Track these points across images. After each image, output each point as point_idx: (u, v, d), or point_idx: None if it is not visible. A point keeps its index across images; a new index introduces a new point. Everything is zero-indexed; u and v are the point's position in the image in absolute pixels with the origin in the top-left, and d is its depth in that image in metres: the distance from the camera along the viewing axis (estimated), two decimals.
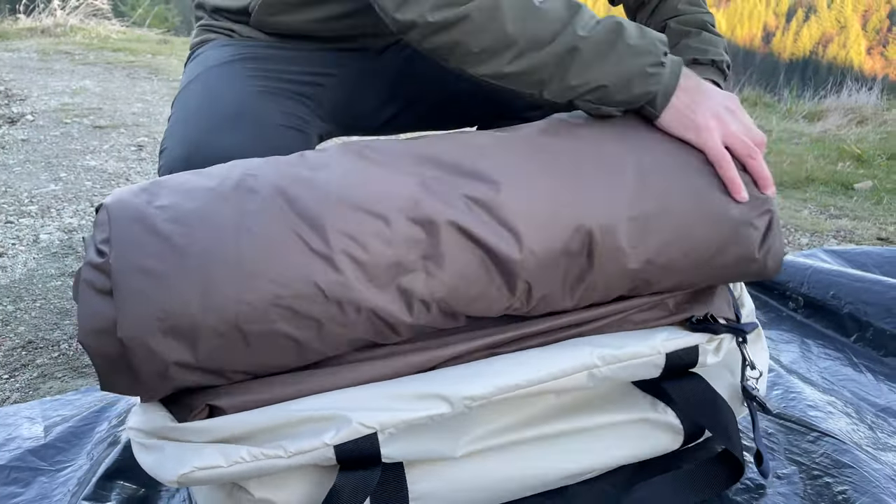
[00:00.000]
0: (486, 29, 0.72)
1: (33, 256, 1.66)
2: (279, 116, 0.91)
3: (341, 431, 0.64)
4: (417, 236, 0.66)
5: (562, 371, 0.72)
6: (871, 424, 1.00)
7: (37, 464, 0.91)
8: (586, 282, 0.72)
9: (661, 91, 0.74)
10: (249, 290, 0.62)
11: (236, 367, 0.65)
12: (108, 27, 6.17)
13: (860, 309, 1.27)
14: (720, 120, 0.75)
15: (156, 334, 0.61)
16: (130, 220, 0.64)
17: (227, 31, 1.04)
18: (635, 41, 0.74)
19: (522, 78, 0.74)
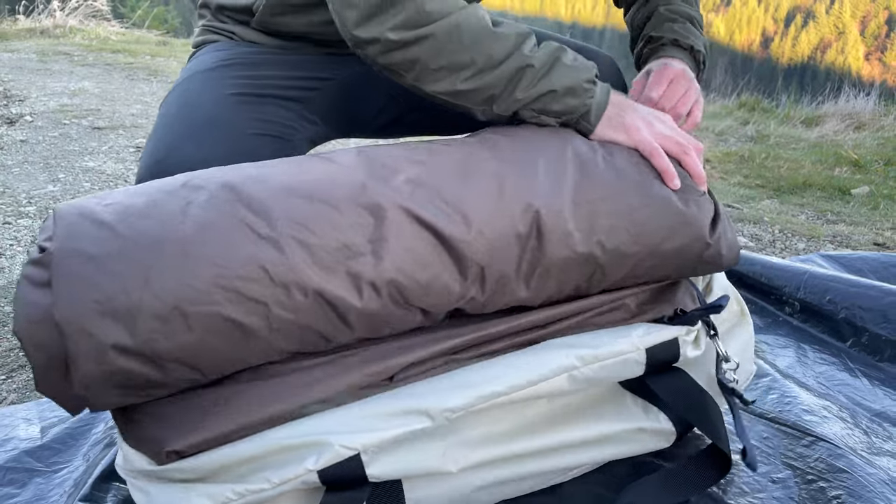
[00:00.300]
0: (446, 48, 0.77)
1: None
2: (254, 124, 0.91)
3: (323, 456, 0.64)
4: (365, 220, 0.67)
5: (540, 376, 0.71)
6: (865, 429, 1.01)
7: (33, 465, 0.91)
8: (540, 267, 0.72)
9: (594, 104, 0.82)
10: (192, 271, 0.61)
11: (177, 354, 0.61)
12: (108, 28, 6.17)
13: (856, 314, 1.27)
14: (648, 123, 0.82)
15: (93, 316, 0.59)
16: (75, 214, 0.64)
17: (228, 34, 1.04)
18: (572, 63, 0.82)
19: (475, 94, 0.80)
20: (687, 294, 0.83)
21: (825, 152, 3.33)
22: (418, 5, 0.75)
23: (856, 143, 3.59)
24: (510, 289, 0.72)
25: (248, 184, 0.67)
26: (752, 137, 3.66)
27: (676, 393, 0.79)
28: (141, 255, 0.61)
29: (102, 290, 0.60)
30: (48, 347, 0.59)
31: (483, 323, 0.74)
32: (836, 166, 3.05)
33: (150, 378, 0.62)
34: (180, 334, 0.61)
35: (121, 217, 0.64)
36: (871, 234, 2.07)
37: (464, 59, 0.77)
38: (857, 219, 2.25)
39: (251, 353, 0.65)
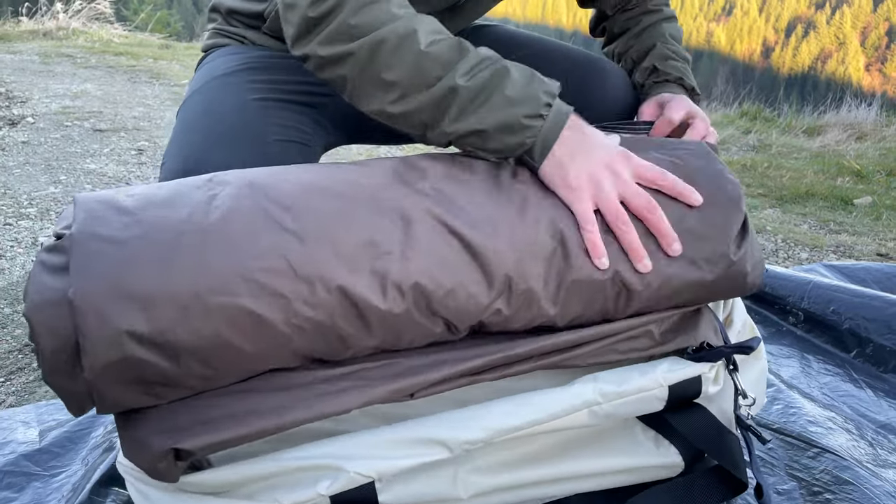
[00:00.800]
0: (369, 67, 0.72)
1: (31, 259, 1.65)
2: (277, 130, 0.90)
3: (337, 481, 0.62)
4: (393, 221, 0.66)
5: (562, 410, 0.69)
6: (871, 441, 1.00)
7: (31, 468, 0.90)
8: (566, 283, 0.70)
9: (538, 142, 0.73)
10: (214, 260, 0.59)
11: (193, 346, 0.59)
12: (111, 31, 6.18)
13: (860, 324, 1.27)
14: (594, 181, 0.72)
15: (110, 298, 0.57)
16: (96, 201, 0.63)
17: (239, 38, 1.04)
18: (516, 92, 0.72)
19: (406, 119, 0.74)
20: (710, 327, 0.79)
21: (827, 162, 3.33)
22: (344, 18, 0.72)
23: (858, 153, 3.59)
24: (536, 304, 0.69)
25: (274, 181, 0.66)
26: (754, 147, 3.66)
27: (696, 429, 0.76)
28: (163, 241, 0.60)
29: (121, 273, 0.58)
30: (60, 332, 0.57)
31: (507, 343, 0.71)
32: (838, 176, 3.04)
33: (162, 372, 0.59)
34: (198, 325, 0.59)
35: (143, 205, 0.63)
36: (874, 244, 2.06)
37: (388, 78, 0.72)
38: (859, 229, 2.24)
39: (268, 351, 0.62)
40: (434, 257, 0.66)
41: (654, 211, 0.72)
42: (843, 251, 1.98)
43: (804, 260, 1.91)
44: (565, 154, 0.73)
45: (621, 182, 0.73)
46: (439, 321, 0.68)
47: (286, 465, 0.63)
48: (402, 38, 0.71)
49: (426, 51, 0.71)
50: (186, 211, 0.62)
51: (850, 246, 2.03)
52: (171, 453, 0.59)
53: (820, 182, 2.88)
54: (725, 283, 0.74)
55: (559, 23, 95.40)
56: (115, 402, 0.60)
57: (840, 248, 2.01)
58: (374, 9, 0.72)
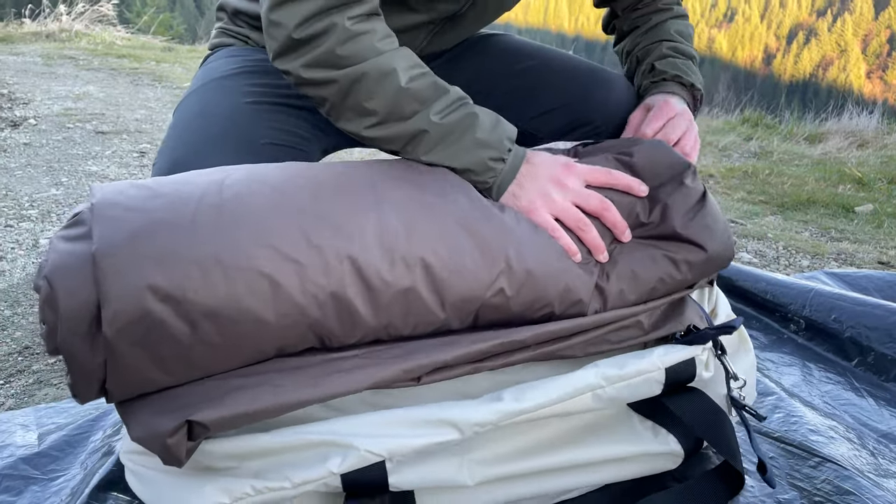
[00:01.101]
0: (350, 95, 0.77)
1: (32, 261, 1.65)
2: (270, 134, 0.91)
3: (348, 459, 0.62)
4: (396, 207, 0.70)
5: (567, 394, 0.71)
6: (872, 450, 0.99)
7: (29, 472, 0.90)
8: None
9: (496, 182, 0.80)
10: (232, 228, 0.62)
11: (210, 308, 0.60)
12: (113, 33, 6.20)
13: (862, 333, 1.26)
14: (546, 197, 0.80)
15: (133, 254, 0.59)
16: (115, 185, 0.66)
17: (243, 38, 1.04)
18: (484, 135, 0.79)
19: (381, 142, 0.80)
20: (695, 315, 0.85)
21: (828, 169, 3.33)
22: (330, 47, 0.75)
23: (859, 160, 3.59)
24: (535, 285, 0.74)
25: (279, 171, 0.71)
26: (755, 153, 3.66)
27: (693, 412, 0.78)
28: (182, 211, 0.62)
29: (143, 233, 0.60)
30: (80, 291, 0.58)
31: (509, 330, 0.74)
32: (839, 184, 3.04)
33: (177, 337, 0.60)
34: (217, 286, 0.60)
35: (160, 184, 0.66)
36: (876, 252, 2.06)
37: (367, 107, 0.77)
38: (861, 237, 2.24)
39: (282, 322, 0.63)
40: (437, 237, 0.70)
41: (607, 208, 0.81)
42: (844, 259, 1.98)
43: (805, 267, 1.91)
44: (516, 186, 0.81)
45: (570, 190, 0.81)
46: (445, 304, 0.70)
47: (295, 439, 0.63)
48: (384, 74, 0.76)
49: (406, 87, 0.77)
50: (200, 190, 0.65)
51: (852, 254, 2.03)
52: (184, 428, 0.59)
53: (821, 189, 2.88)
54: (686, 254, 0.82)
55: (561, 27, 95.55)
56: (127, 376, 0.60)
57: (841, 255, 2.01)
58: (361, 41, 0.76)
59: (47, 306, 0.59)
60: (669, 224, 0.82)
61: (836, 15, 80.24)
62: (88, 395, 0.62)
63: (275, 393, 0.62)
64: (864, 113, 5.17)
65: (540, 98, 1.03)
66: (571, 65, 1.08)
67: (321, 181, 0.70)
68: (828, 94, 56.20)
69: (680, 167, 0.85)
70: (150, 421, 0.60)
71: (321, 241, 0.64)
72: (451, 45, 1.05)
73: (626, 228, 0.82)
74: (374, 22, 0.79)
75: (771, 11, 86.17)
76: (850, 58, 74.23)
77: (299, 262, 0.63)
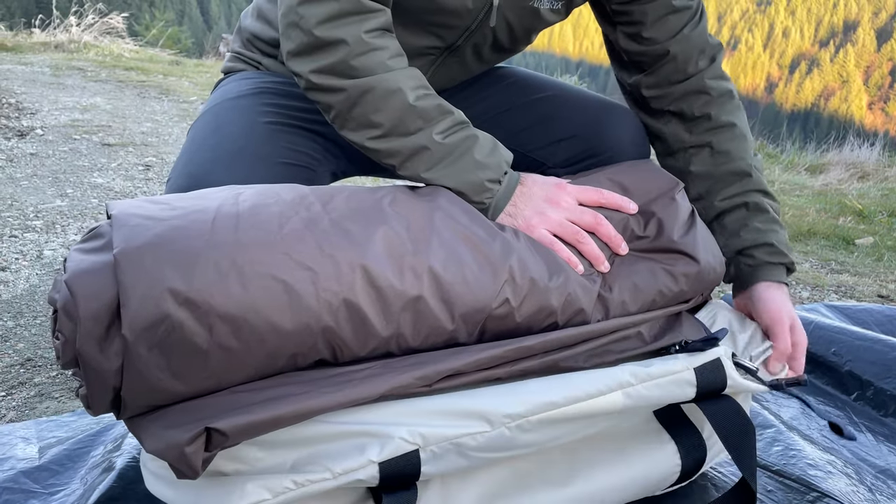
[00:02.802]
0: (358, 106, 0.80)
1: (36, 272, 1.66)
2: (284, 153, 0.92)
3: (386, 448, 0.63)
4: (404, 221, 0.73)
5: (597, 390, 0.72)
6: (870, 486, 1.00)
7: (30, 486, 0.90)
8: None
9: (493, 204, 0.83)
10: (247, 237, 0.65)
11: (227, 311, 0.62)
12: (122, 45, 6.25)
13: (861, 367, 1.27)
14: (542, 215, 0.83)
15: (154, 258, 0.60)
16: (131, 201, 0.68)
17: (255, 63, 1.06)
18: (483, 157, 0.83)
19: (382, 155, 0.83)
20: (692, 328, 0.87)
21: (829, 201, 3.35)
22: (344, 57, 0.79)
23: (860, 192, 3.61)
24: (539, 295, 0.76)
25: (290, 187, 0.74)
26: None
27: (724, 419, 0.78)
28: (200, 220, 0.65)
29: (163, 237, 0.62)
30: (101, 295, 0.59)
31: (518, 339, 0.75)
32: (840, 215, 3.06)
33: (194, 342, 0.61)
34: (234, 290, 0.62)
35: (175, 199, 0.69)
36: (876, 285, 2.07)
37: (373, 119, 0.80)
38: (861, 270, 2.25)
39: (298, 329, 0.65)
40: (442, 250, 0.72)
41: (601, 223, 0.84)
42: (844, 291, 1.99)
43: (805, 299, 1.91)
44: (512, 206, 0.84)
45: (564, 208, 0.84)
46: (454, 315, 0.72)
47: (330, 429, 0.64)
48: (391, 91, 0.80)
49: (413, 104, 0.80)
50: (216, 203, 0.68)
51: (852, 286, 2.03)
52: (202, 436, 0.59)
53: (822, 221, 2.89)
54: (682, 267, 0.85)
55: (565, 51, 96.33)
56: (142, 383, 0.61)
57: (841, 288, 2.02)
58: (375, 56, 0.80)
59: (65, 315, 0.60)
60: (666, 236, 0.86)
61: (838, 46, 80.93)
62: (102, 405, 0.63)
63: (293, 400, 0.63)
64: (866, 145, 5.21)
65: (550, 128, 1.04)
66: (582, 96, 1.08)
67: (332, 196, 0.73)
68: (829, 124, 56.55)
69: (669, 185, 0.90)
70: (164, 433, 0.61)
71: (333, 250, 0.67)
72: (456, 81, 1.06)
73: (622, 241, 0.85)
74: (388, 39, 0.82)
75: (774, 41, 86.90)
76: (851, 89, 74.76)
77: (313, 270, 0.65)
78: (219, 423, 0.59)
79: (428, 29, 0.93)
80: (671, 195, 0.89)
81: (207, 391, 0.64)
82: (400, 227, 0.72)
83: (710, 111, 0.99)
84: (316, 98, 0.83)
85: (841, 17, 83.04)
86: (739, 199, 0.98)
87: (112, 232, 0.63)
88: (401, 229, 0.72)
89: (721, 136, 0.99)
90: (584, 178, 0.91)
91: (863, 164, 4.46)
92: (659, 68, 1.01)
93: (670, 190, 0.89)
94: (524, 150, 1.03)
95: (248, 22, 1.08)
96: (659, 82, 1.02)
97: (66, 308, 0.60)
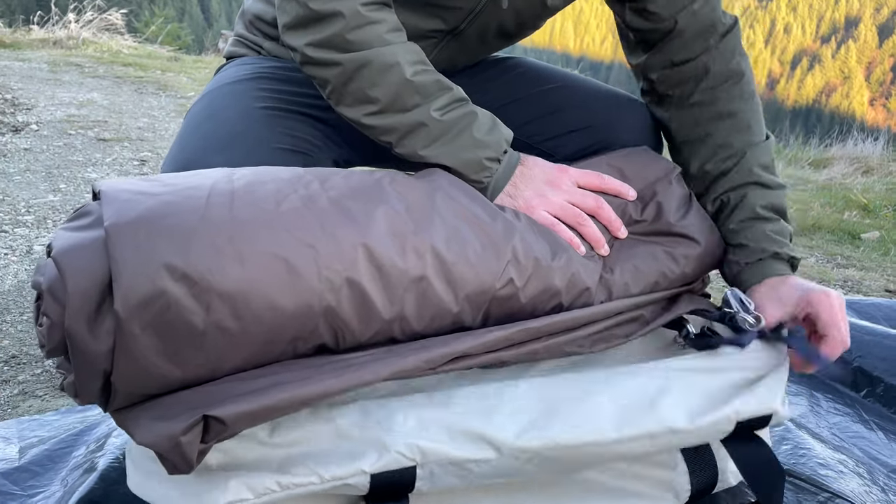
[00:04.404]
0: (353, 80, 0.78)
1: (25, 267, 1.62)
2: (281, 138, 0.89)
3: (381, 460, 0.60)
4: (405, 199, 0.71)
5: (628, 436, 0.67)
6: (883, 486, 0.96)
7: (8, 487, 0.86)
8: None
9: (492, 183, 0.81)
10: (244, 214, 0.61)
11: (225, 289, 0.58)
12: (120, 42, 6.21)
13: (871, 363, 1.23)
14: (542, 197, 0.82)
15: (148, 232, 0.57)
16: (120, 179, 0.65)
17: (256, 47, 1.04)
18: (482, 135, 0.80)
19: (378, 131, 0.81)
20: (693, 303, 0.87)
21: (834, 195, 3.31)
22: (340, 30, 0.76)
23: (864, 187, 3.58)
24: (543, 274, 0.75)
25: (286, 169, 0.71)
26: None
27: (751, 462, 0.75)
28: (194, 196, 0.61)
29: (157, 214, 0.58)
30: (91, 270, 0.56)
31: (524, 321, 0.74)
32: (845, 210, 3.02)
33: (191, 321, 0.57)
34: (232, 267, 0.59)
35: (167, 177, 0.65)
36: (883, 280, 2.03)
37: (370, 94, 0.78)
38: (867, 264, 2.21)
39: (299, 310, 0.62)
40: (443, 229, 0.70)
41: (601, 206, 0.84)
42: (850, 286, 1.95)
43: None
44: (511, 186, 0.82)
45: (564, 191, 0.83)
46: (458, 296, 0.70)
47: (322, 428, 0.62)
48: (388, 65, 0.77)
49: (411, 79, 0.78)
50: (210, 181, 0.65)
51: (858, 281, 2.00)
52: (199, 425, 0.56)
53: (827, 215, 2.85)
54: (683, 249, 0.85)
55: (566, 48, 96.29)
56: (135, 366, 0.57)
57: (848, 282, 1.98)
58: (373, 29, 0.77)
59: (51, 296, 0.56)
60: (665, 220, 0.86)
61: (840, 42, 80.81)
62: (90, 392, 0.59)
63: (293, 386, 0.60)
64: (869, 139, 5.17)
65: (560, 119, 1.01)
66: (594, 88, 1.05)
67: (329, 176, 0.70)
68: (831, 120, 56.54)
69: (667, 169, 0.90)
70: (156, 424, 0.57)
71: (335, 228, 0.64)
72: (458, 65, 1.03)
73: (622, 225, 0.85)
74: (386, 13, 0.79)
75: (775, 37, 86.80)
76: (853, 85, 74.71)
77: (314, 247, 0.62)
78: (217, 411, 0.56)
79: (431, 11, 0.90)
80: (668, 179, 0.89)
81: (201, 379, 0.61)
82: (400, 206, 0.70)
83: (714, 96, 0.94)
84: (311, 73, 0.81)
85: (843, 13, 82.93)
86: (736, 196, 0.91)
87: (101, 208, 0.59)
88: (401, 208, 0.69)
89: (721, 125, 0.93)
90: (583, 163, 0.90)
91: (867, 159, 4.42)
92: (665, 45, 0.95)
93: (667, 175, 0.89)
94: (532, 141, 1.00)
95: (251, 3, 1.05)
96: (664, 62, 0.96)
97: (52, 288, 0.56)
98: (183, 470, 0.56)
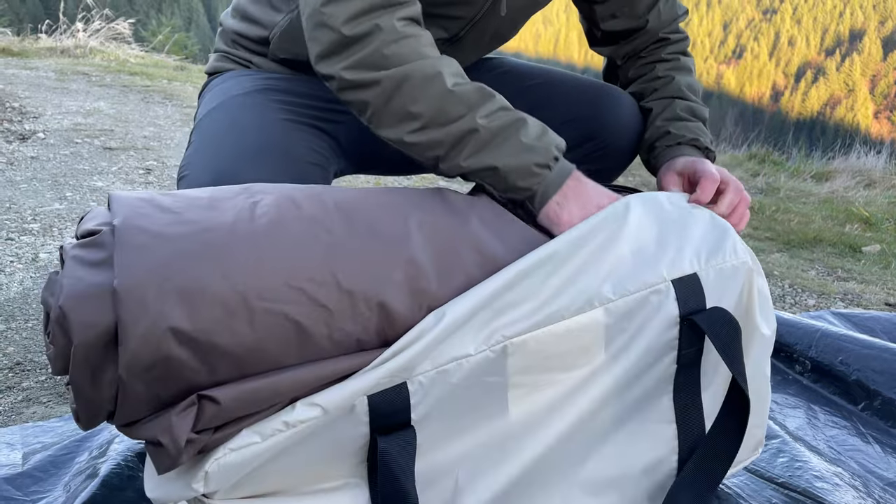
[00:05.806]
0: (395, 98, 0.75)
1: (30, 275, 1.64)
2: (304, 151, 0.90)
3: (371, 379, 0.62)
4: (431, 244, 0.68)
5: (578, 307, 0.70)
6: (878, 500, 0.96)
7: (12, 493, 0.87)
8: None
9: (540, 191, 0.78)
10: (263, 265, 0.59)
11: (231, 350, 0.58)
12: (127, 51, 6.26)
13: (869, 377, 1.24)
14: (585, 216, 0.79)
15: (157, 291, 0.55)
16: (135, 198, 0.62)
17: (245, 62, 1.03)
18: (531, 140, 0.77)
19: (422, 149, 0.77)
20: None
21: (836, 208, 3.31)
22: (378, 47, 0.74)
23: (867, 200, 3.58)
24: None
25: (311, 199, 0.67)
26: (762, 189, 3.65)
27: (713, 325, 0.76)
28: (211, 241, 0.59)
29: (169, 266, 0.57)
30: (98, 325, 0.55)
31: None
32: (846, 223, 3.02)
33: (187, 376, 0.57)
34: (241, 329, 0.58)
35: (184, 206, 0.62)
36: (883, 293, 2.03)
37: (411, 111, 0.75)
38: (868, 277, 2.22)
39: (299, 352, 0.62)
40: (464, 283, 0.68)
41: None
42: (850, 299, 1.96)
43: (811, 306, 1.88)
44: (561, 196, 0.78)
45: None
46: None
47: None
48: (428, 78, 0.75)
49: (452, 90, 0.75)
50: (231, 215, 0.62)
51: (859, 294, 2.00)
52: (193, 407, 0.57)
53: (828, 228, 2.85)
54: None
55: (571, 58, 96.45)
56: (135, 408, 0.58)
57: (848, 295, 1.99)
58: (409, 43, 0.75)
59: (59, 329, 0.56)
60: None
61: (844, 54, 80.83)
62: (92, 425, 0.60)
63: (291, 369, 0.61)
64: (872, 153, 5.17)
65: (547, 113, 1.02)
66: (578, 82, 1.08)
67: (354, 209, 0.68)
68: (835, 132, 56.46)
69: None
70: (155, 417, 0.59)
71: (352, 284, 0.62)
72: None
73: None
74: (421, 29, 0.78)
75: (780, 49, 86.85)
76: (857, 97, 74.64)
77: (328, 309, 0.61)
78: (212, 392, 0.57)
79: (433, 21, 0.91)
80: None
81: None
82: (425, 251, 0.67)
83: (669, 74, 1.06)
84: (350, 98, 0.78)
85: (847, 25, 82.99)
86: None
87: (114, 248, 0.57)
88: (425, 255, 0.67)
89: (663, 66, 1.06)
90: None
91: (869, 172, 4.42)
92: (633, 41, 1.07)
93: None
94: None
95: (231, 22, 1.04)
96: (629, 52, 1.10)
97: (60, 324, 0.56)
98: (172, 455, 0.56)
